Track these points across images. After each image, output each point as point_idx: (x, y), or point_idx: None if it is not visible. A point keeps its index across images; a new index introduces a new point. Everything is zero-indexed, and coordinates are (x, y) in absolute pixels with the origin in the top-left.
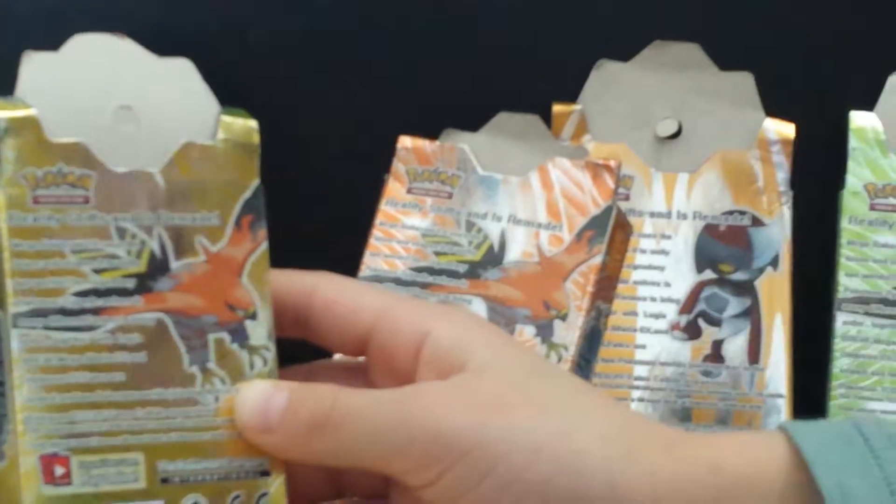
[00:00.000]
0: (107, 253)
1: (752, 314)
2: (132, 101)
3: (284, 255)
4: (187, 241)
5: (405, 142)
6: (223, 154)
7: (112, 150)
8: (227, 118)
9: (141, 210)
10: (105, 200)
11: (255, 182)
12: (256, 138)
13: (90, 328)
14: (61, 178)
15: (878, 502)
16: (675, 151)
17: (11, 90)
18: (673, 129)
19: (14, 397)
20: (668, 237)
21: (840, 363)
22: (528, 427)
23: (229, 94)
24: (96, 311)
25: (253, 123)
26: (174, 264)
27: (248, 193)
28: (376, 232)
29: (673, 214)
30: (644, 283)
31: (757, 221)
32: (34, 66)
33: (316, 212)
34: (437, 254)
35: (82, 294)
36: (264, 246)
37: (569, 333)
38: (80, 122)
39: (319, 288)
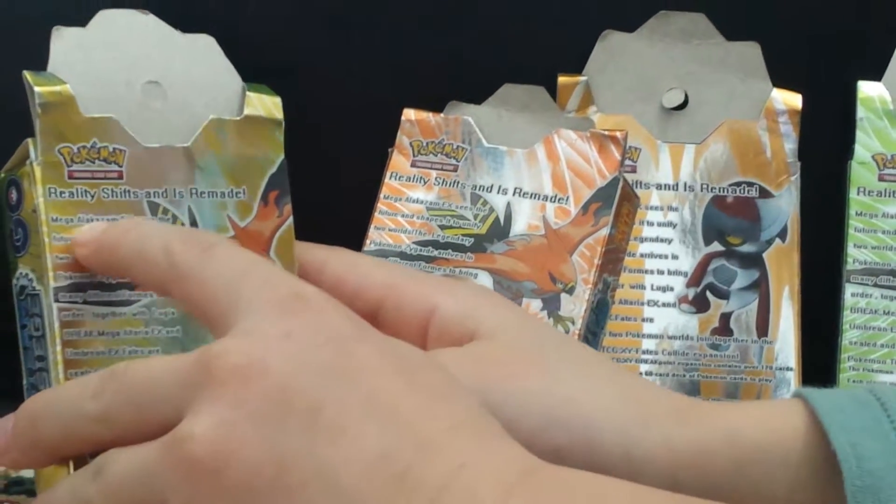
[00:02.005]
0: None
1: (760, 286)
2: (159, 76)
3: None
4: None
5: (409, 114)
6: (249, 129)
7: (141, 126)
8: (251, 94)
9: (171, 185)
10: (137, 176)
11: (281, 157)
12: (280, 114)
13: (126, 303)
14: (95, 152)
15: (893, 465)
16: (681, 122)
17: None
18: (679, 99)
19: (58, 372)
20: (676, 209)
21: (849, 335)
22: (538, 392)
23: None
24: (132, 286)
25: (277, 99)
26: None
27: (273, 168)
28: (381, 206)
29: (680, 186)
30: (651, 255)
31: (765, 193)
32: (63, 42)
33: (320, 185)
34: (443, 227)
35: None
36: (290, 221)
37: (576, 306)
38: (109, 97)
39: (329, 264)
